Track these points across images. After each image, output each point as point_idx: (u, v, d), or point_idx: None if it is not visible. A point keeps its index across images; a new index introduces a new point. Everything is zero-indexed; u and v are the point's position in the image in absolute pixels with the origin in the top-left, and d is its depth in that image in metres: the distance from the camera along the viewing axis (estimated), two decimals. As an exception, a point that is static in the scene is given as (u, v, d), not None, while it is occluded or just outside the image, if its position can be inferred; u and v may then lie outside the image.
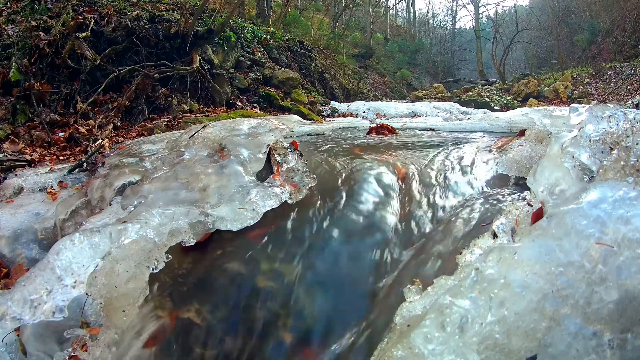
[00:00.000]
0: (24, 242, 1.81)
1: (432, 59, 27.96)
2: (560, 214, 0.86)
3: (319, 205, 1.68)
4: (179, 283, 1.46)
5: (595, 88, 13.30)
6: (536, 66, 22.48)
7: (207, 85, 5.30)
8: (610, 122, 1.10)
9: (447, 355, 0.74)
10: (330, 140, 2.93)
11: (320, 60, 10.27)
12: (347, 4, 18.45)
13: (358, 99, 10.18)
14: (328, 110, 7.28)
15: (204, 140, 2.02)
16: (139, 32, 4.84)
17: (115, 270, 1.17)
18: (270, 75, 6.99)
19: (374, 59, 19.73)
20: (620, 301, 0.72)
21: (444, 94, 14.39)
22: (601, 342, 0.70)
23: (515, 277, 0.78)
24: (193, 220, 1.38)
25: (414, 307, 0.96)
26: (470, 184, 1.76)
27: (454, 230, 1.45)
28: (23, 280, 1.11)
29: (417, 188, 1.75)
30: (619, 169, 0.99)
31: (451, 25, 35.64)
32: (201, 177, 1.70)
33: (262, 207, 1.52)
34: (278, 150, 2.01)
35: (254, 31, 8.20)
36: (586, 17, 20.70)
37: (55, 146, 3.13)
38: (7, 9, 4.69)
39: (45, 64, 3.95)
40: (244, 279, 1.44)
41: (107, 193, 1.88)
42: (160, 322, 1.34)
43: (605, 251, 0.76)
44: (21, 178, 2.34)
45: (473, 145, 2.31)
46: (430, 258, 1.36)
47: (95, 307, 1.27)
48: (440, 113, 7.44)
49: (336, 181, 1.84)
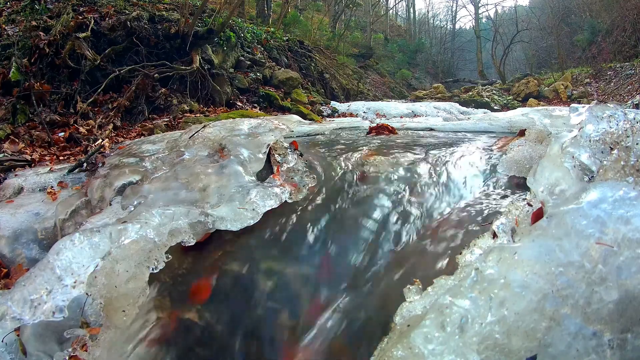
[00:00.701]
0: (24, 242, 1.81)
1: (432, 59, 27.96)
2: (560, 214, 0.86)
3: (319, 205, 1.68)
4: (179, 283, 1.46)
5: (595, 88, 13.30)
6: (536, 66, 22.47)
7: (207, 85, 5.30)
8: (610, 122, 1.10)
9: (447, 355, 0.74)
10: (330, 140, 2.93)
11: (320, 60, 10.27)
12: (347, 4, 18.45)
13: (358, 99, 10.17)
14: (328, 110, 7.28)
15: (204, 140, 2.02)
16: (139, 32, 4.84)
17: (115, 270, 1.17)
18: (270, 75, 6.99)
19: (374, 59, 19.72)
20: (620, 301, 0.72)
21: (444, 94, 14.39)
22: (601, 342, 0.70)
23: (515, 277, 0.78)
24: (193, 220, 1.38)
25: (414, 307, 0.96)
26: (470, 184, 1.76)
27: (454, 230, 1.45)
28: (23, 280, 1.11)
29: (417, 187, 1.75)
30: (619, 169, 0.99)
31: (451, 25, 35.65)
32: (201, 177, 1.70)
33: (262, 207, 1.52)
34: (278, 150, 2.01)
35: (254, 31, 8.20)
36: (586, 17, 20.70)
37: (55, 146, 3.13)
38: (7, 9, 4.69)
39: (45, 64, 3.95)
40: (244, 278, 1.44)
41: (107, 193, 1.88)
42: (160, 322, 1.34)
43: (605, 251, 0.76)
44: (21, 178, 2.34)
45: (473, 145, 2.30)
46: (430, 258, 1.36)
47: (95, 307, 1.27)
48: (440, 113, 7.43)
49: (336, 181, 1.84)
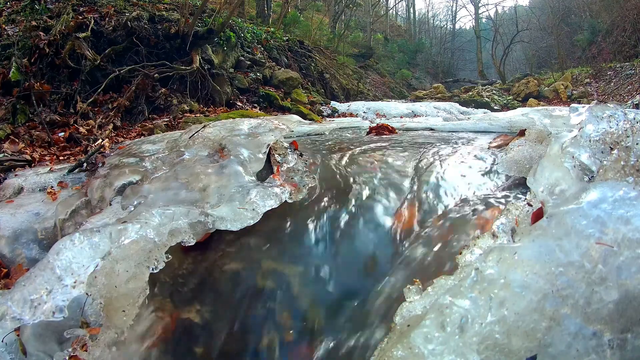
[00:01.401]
0: (24, 242, 1.81)
1: (432, 59, 27.96)
2: (560, 214, 0.86)
3: (319, 205, 1.68)
4: (179, 283, 1.46)
5: (595, 88, 13.30)
6: (536, 66, 22.47)
7: (207, 85, 5.30)
8: (610, 122, 1.10)
9: (447, 355, 0.74)
10: (330, 140, 2.93)
11: (320, 60, 10.27)
12: (347, 4, 18.45)
13: (358, 99, 10.18)
14: (328, 110, 7.28)
15: (204, 140, 2.02)
16: (139, 32, 4.84)
17: (115, 270, 1.17)
18: (270, 75, 6.98)
19: (374, 59, 19.73)
20: (620, 301, 0.72)
21: (444, 94, 14.39)
22: (601, 342, 0.70)
23: (515, 277, 0.78)
24: (193, 220, 1.38)
25: (414, 307, 0.96)
26: (470, 184, 1.76)
27: (453, 230, 1.45)
28: (23, 280, 1.11)
29: (417, 187, 1.75)
30: (619, 169, 0.99)
31: (451, 25, 35.67)
32: (201, 177, 1.70)
33: (262, 207, 1.52)
34: (278, 150, 2.01)
35: (254, 31, 8.20)
36: (586, 17, 20.70)
37: (55, 146, 3.13)
38: (7, 9, 4.69)
39: (45, 64, 3.95)
40: (244, 279, 1.44)
41: (107, 193, 1.88)
42: (161, 322, 1.34)
43: (605, 251, 0.76)
44: (21, 178, 2.34)
45: (473, 145, 2.30)
46: (429, 258, 1.36)
47: (95, 307, 1.27)
48: (440, 113, 7.43)
49: (336, 181, 1.84)
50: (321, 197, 1.73)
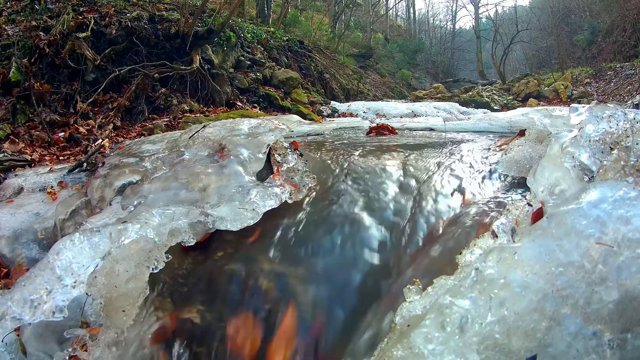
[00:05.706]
0: (24, 242, 1.82)
1: (432, 59, 27.97)
2: (560, 214, 0.86)
3: (319, 205, 1.68)
4: (179, 283, 1.46)
5: (595, 88, 13.30)
6: (536, 66, 22.47)
7: (207, 85, 5.30)
8: (610, 122, 1.10)
9: (447, 355, 0.74)
10: (330, 140, 2.93)
11: (320, 60, 10.27)
12: (347, 4, 18.45)
13: (358, 99, 10.18)
14: (328, 110, 7.28)
15: (204, 140, 2.02)
16: (139, 32, 4.84)
17: (115, 270, 1.17)
18: (270, 75, 6.98)
19: (374, 59, 19.73)
20: (620, 301, 0.72)
21: (444, 94, 14.39)
22: (601, 342, 0.70)
23: (515, 277, 0.78)
24: (193, 220, 1.38)
25: (414, 307, 0.96)
26: (470, 184, 1.76)
27: (453, 230, 1.45)
28: (23, 280, 1.11)
29: (417, 187, 1.75)
30: (619, 169, 0.99)
31: (451, 25, 35.66)
32: (201, 177, 1.70)
33: (262, 207, 1.52)
34: (278, 150, 2.01)
35: (254, 31, 8.20)
36: (586, 17, 20.70)
37: (55, 146, 3.13)
38: (7, 9, 4.69)
39: (45, 64, 3.96)
40: (244, 279, 1.44)
41: (107, 193, 1.88)
42: (161, 322, 1.34)
43: (605, 251, 0.76)
44: (21, 178, 2.34)
45: (473, 145, 2.31)
46: (430, 258, 1.36)
47: (95, 307, 1.27)
48: (440, 113, 7.43)
49: (336, 181, 1.84)
50: (321, 197, 1.73)
